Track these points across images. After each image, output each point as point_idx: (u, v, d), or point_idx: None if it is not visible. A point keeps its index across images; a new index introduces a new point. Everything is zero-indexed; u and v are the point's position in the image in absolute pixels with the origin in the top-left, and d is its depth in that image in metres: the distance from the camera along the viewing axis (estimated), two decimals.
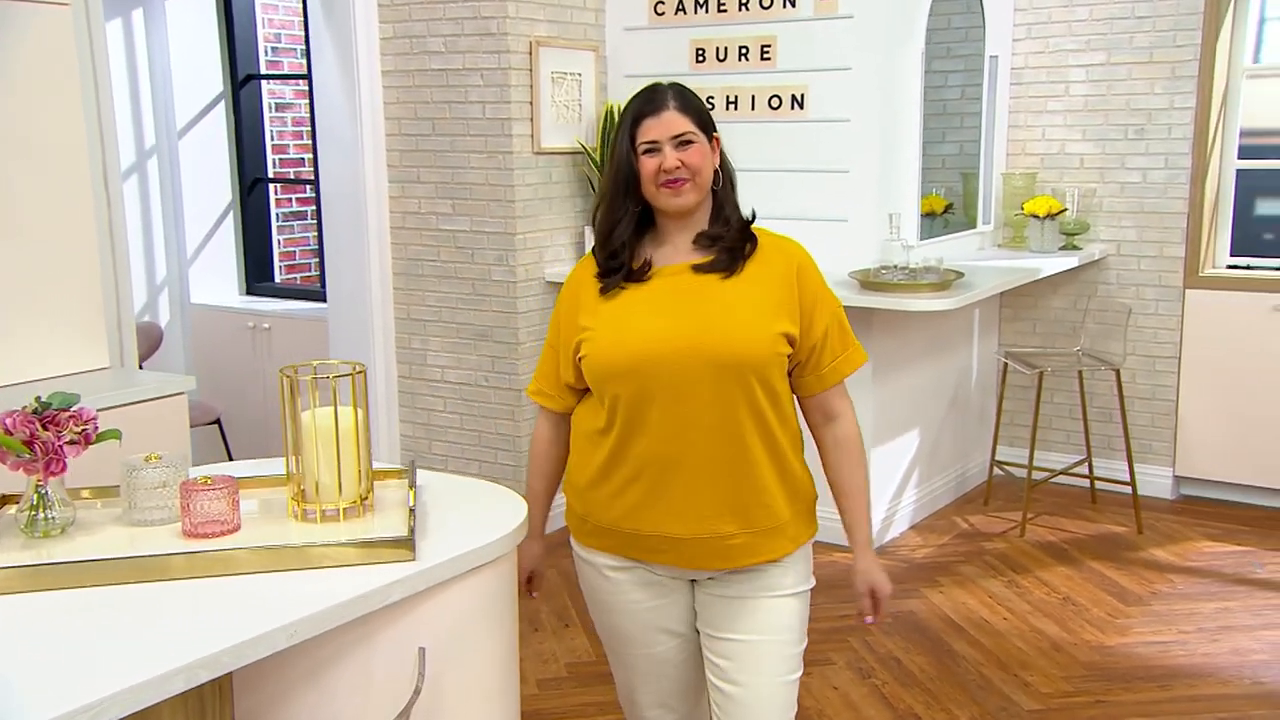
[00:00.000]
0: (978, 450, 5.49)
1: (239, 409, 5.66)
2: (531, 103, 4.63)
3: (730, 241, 2.13)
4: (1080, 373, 5.13)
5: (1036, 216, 5.14)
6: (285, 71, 6.24)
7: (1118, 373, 4.89)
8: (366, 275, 4.91)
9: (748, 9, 4.65)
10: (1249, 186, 5.28)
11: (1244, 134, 5.19)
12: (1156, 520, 5.00)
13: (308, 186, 6.31)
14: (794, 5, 4.55)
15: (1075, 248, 5.24)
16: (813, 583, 2.24)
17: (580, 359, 2.14)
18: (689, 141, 2.07)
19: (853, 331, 2.23)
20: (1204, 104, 5.05)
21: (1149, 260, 5.23)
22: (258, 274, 6.08)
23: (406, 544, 1.93)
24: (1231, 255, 5.27)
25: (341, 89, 4.83)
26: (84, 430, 1.96)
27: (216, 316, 5.81)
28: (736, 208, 2.18)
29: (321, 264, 6.15)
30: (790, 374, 2.16)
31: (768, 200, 4.86)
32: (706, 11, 4.75)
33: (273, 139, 6.14)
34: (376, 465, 2.32)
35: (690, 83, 2.18)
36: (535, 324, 4.74)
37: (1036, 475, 5.05)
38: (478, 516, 2.17)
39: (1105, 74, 5.22)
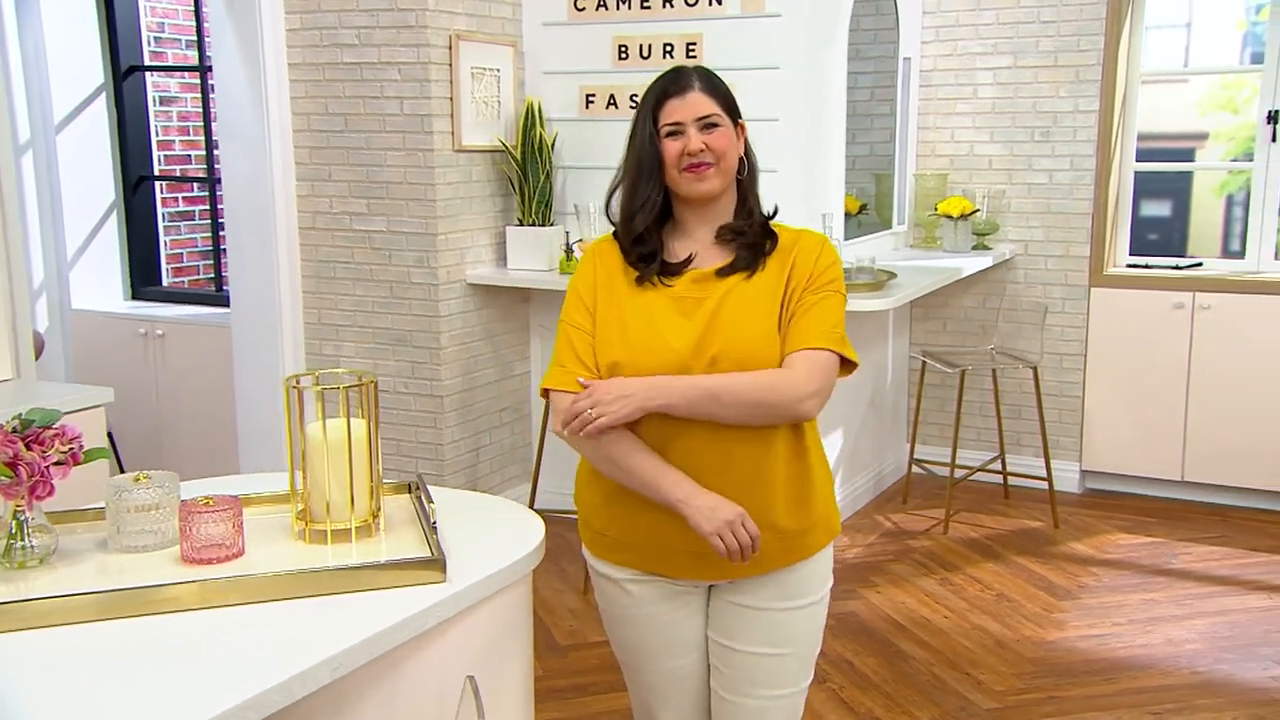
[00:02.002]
0: (892, 449, 5.53)
1: (129, 421, 5.33)
2: (452, 99, 4.47)
3: (753, 237, 2.04)
4: (995, 371, 5.21)
5: (950, 217, 5.20)
6: (170, 63, 5.92)
7: (1035, 370, 4.98)
8: (274, 278, 4.67)
9: (672, 6, 4.57)
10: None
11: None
12: (1069, 514, 5.11)
13: (195, 185, 6.00)
14: (720, 3, 4.50)
15: (986, 248, 5.32)
16: (831, 581, 2.16)
17: (607, 365, 1.99)
18: (714, 124, 1.98)
19: (846, 342, 2.01)
20: (1107, 107, 5.18)
21: (1056, 259, 5.35)
22: (143, 277, 5.75)
23: (438, 565, 1.80)
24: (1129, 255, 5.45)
25: (246, 83, 4.59)
26: (70, 449, 1.76)
27: (101, 323, 5.46)
28: (759, 200, 2.09)
29: (216, 266, 5.85)
30: None
31: None
32: (629, 8, 4.65)
33: (157, 134, 5.81)
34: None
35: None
36: (458, 328, 4.58)
37: (957, 473, 5.10)
38: (492, 533, 2.05)
39: (1012, 77, 5.32)
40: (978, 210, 5.25)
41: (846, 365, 2.01)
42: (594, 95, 4.71)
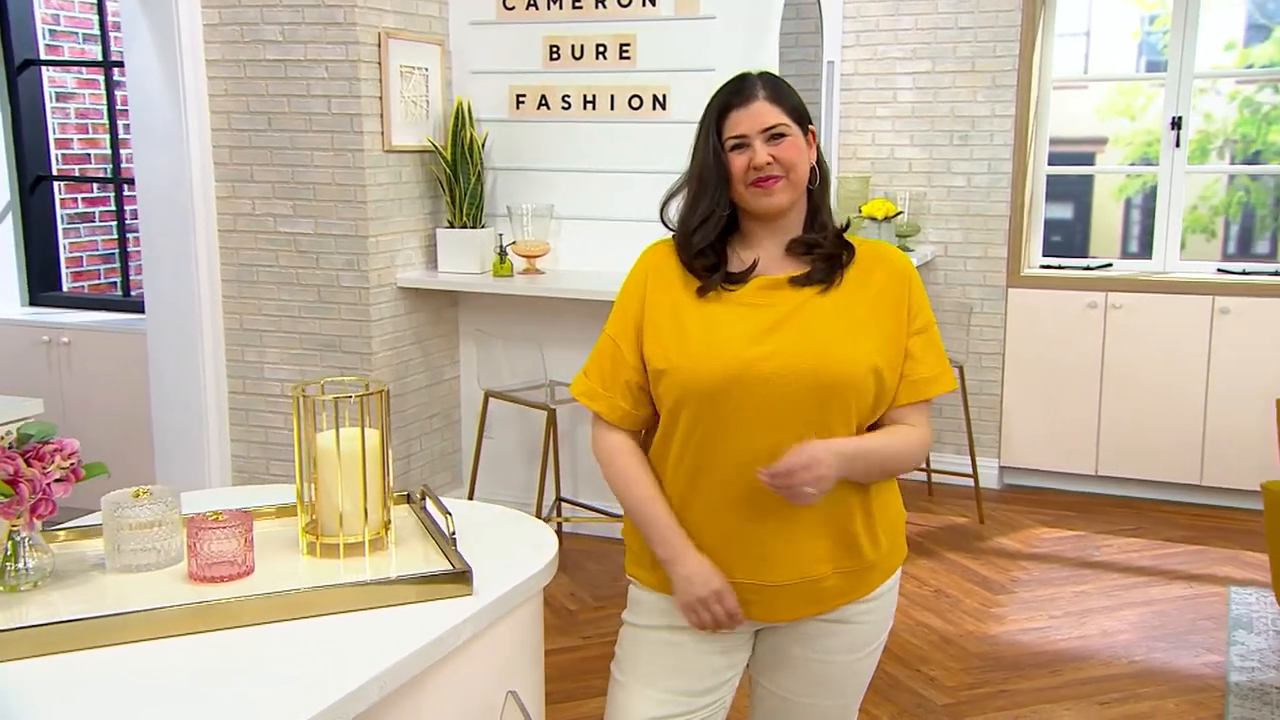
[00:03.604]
0: None
1: None
2: (381, 98, 4.37)
3: (830, 249, 1.92)
4: None
5: (874, 219, 5.26)
6: (66, 57, 5.66)
7: (962, 370, 5.07)
8: (193, 283, 4.49)
9: (605, 6, 4.53)
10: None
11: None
12: (991, 510, 5.21)
13: (95, 185, 5.74)
14: (654, 4, 4.47)
15: (908, 250, 5.40)
16: (892, 622, 2.05)
17: (662, 372, 1.88)
18: (781, 134, 1.86)
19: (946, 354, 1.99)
20: (1022, 112, 5.31)
21: (974, 261, 5.46)
22: (42, 283, 5.48)
23: (464, 578, 1.73)
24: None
25: (161, 79, 4.40)
26: (71, 465, 1.65)
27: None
28: (832, 212, 1.97)
29: (122, 270, 5.61)
30: None
31: (631, 203, 4.80)
32: (560, 8, 4.59)
33: (54, 132, 5.55)
34: None
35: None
36: (388, 332, 4.47)
37: None
38: (503, 543, 1.99)
39: (931, 81, 5.41)
40: (900, 212, 5.32)
41: None
42: (524, 95, 4.64)
